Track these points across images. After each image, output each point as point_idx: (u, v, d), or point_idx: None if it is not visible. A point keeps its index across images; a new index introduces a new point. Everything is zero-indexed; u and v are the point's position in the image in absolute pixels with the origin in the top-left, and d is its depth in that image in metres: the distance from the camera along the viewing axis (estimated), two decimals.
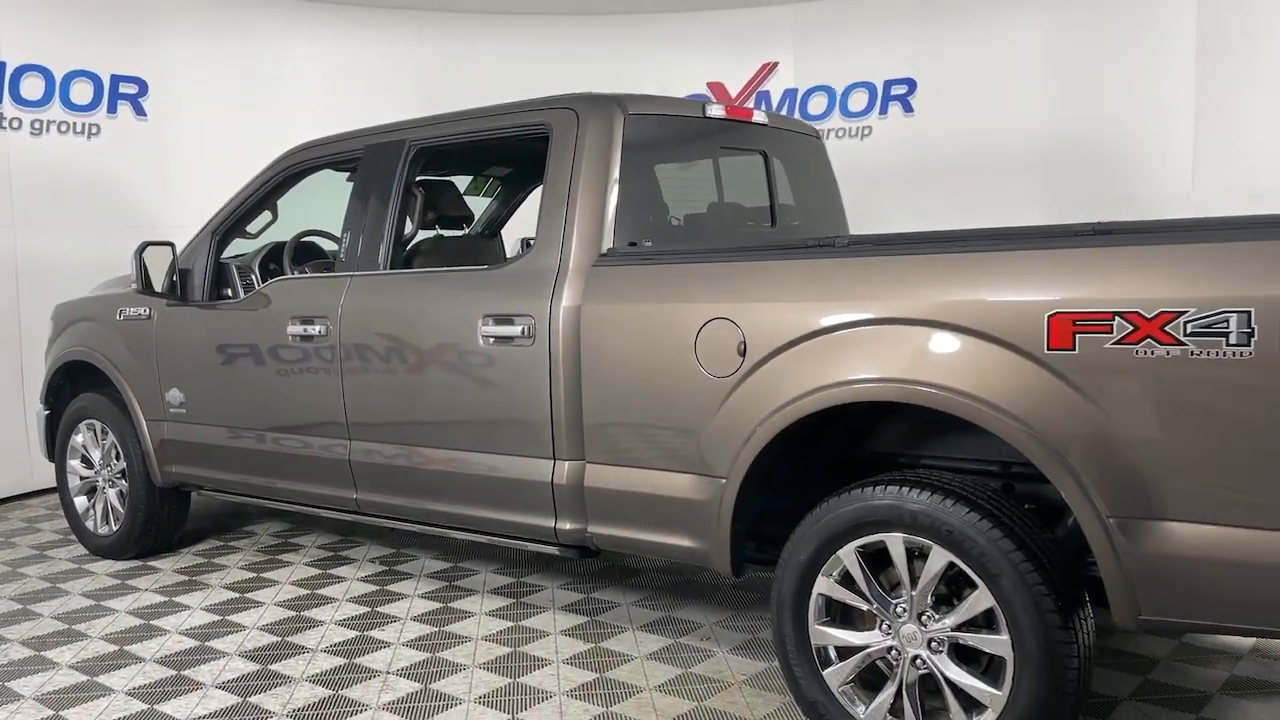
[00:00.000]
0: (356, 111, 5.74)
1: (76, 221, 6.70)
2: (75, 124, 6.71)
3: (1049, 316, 2.52)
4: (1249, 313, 2.28)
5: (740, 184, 4.31)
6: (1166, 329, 2.37)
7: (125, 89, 6.92)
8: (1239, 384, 2.31)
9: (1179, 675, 3.47)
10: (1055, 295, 2.52)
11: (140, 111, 6.99)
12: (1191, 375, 2.36)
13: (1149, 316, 2.39)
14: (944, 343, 2.69)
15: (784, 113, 7.97)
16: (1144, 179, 6.60)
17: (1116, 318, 2.43)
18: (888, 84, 7.65)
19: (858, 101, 7.77)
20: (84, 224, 6.72)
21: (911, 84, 7.56)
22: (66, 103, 6.67)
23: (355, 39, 7.84)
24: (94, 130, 6.80)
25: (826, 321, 2.88)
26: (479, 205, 5.51)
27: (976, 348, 2.63)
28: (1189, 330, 2.35)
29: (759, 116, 4.31)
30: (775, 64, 8.03)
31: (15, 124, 6.47)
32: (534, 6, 7.96)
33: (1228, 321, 2.30)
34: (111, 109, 6.86)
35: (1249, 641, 3.73)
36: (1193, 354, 2.35)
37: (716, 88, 8.11)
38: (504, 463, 3.67)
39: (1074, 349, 2.49)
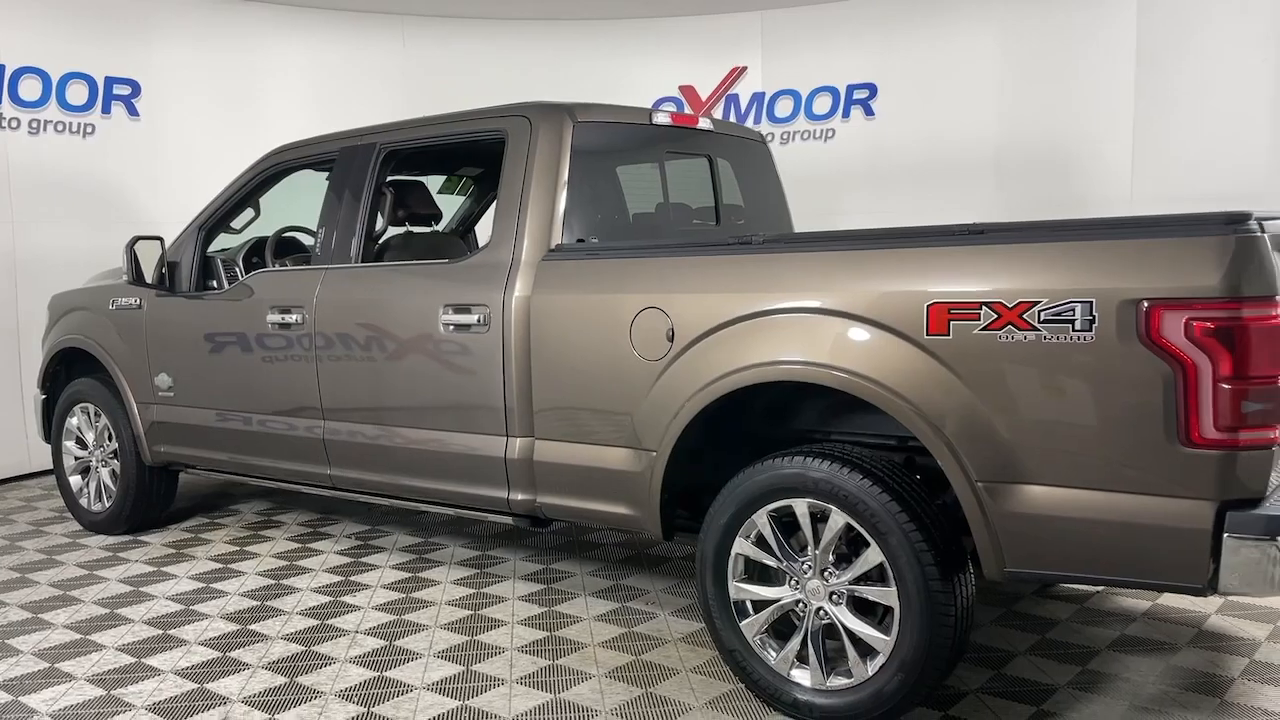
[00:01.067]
0: (341, 113, 6.05)
1: (71, 217, 7.01)
2: (71, 124, 7.02)
3: (928, 306, 2.86)
4: (1090, 302, 2.63)
5: (687, 186, 4.63)
6: (1024, 316, 2.72)
7: (119, 90, 7.22)
8: (1082, 364, 2.66)
9: (1073, 634, 3.82)
10: (933, 287, 2.87)
11: (133, 112, 7.30)
12: (1044, 357, 2.71)
13: (1010, 305, 2.74)
14: (841, 329, 3.03)
15: (752, 114, 8.32)
16: (1087, 181, 6.96)
17: (983, 307, 2.78)
18: (850, 88, 7.99)
19: (822, 105, 8.11)
20: (78, 219, 7.02)
21: (873, 89, 7.91)
22: (63, 103, 6.97)
23: (340, 43, 8.13)
24: (89, 130, 7.10)
25: (741, 311, 3.22)
26: (454, 203, 5.84)
27: (868, 333, 2.98)
28: (1042, 318, 2.69)
29: (704, 123, 4.65)
30: (744, 68, 8.36)
31: (14, 124, 6.78)
32: (514, 12, 8.26)
33: (1074, 310, 2.65)
34: (106, 109, 7.17)
35: (1144, 605, 4.08)
36: (1045, 338, 2.70)
37: (688, 91, 8.44)
38: (462, 440, 4.01)
39: (949, 334, 2.84)
